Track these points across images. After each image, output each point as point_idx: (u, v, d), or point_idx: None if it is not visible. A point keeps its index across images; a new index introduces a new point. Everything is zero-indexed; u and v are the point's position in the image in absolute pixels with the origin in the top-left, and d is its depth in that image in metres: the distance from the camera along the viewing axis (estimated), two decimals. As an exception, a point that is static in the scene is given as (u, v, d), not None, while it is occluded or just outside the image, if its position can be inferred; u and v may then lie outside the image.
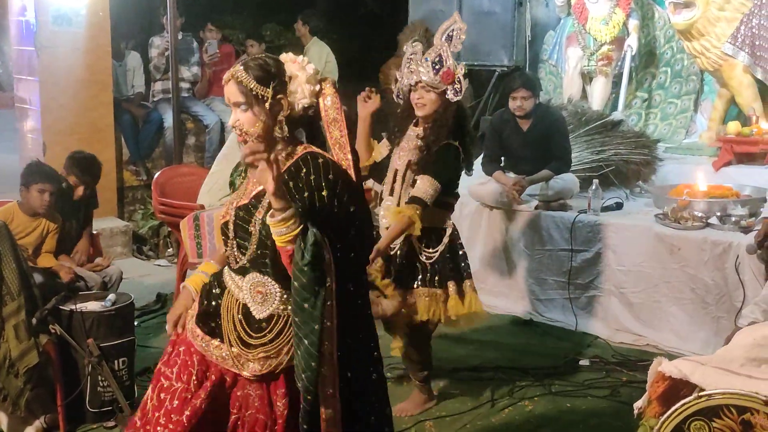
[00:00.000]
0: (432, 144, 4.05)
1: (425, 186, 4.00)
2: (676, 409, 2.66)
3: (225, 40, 8.87)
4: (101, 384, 4.14)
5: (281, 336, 2.55)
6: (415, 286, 4.14)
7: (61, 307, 4.13)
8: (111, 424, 4.17)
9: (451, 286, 4.18)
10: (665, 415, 2.68)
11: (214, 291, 2.67)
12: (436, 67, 4.05)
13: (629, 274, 5.45)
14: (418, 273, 4.14)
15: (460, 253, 4.27)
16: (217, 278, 2.69)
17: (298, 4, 9.25)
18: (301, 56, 2.58)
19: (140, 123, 7.97)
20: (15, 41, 7.53)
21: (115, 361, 4.18)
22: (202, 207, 5.33)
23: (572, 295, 5.70)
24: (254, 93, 2.47)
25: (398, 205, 4.10)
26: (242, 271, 2.59)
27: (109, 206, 7.49)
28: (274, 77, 2.50)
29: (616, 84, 7.22)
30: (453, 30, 4.14)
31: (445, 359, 4.92)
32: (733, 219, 5.22)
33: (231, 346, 2.58)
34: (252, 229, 2.51)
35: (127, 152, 7.87)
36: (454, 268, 4.21)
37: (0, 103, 10.74)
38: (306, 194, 2.44)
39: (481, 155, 5.98)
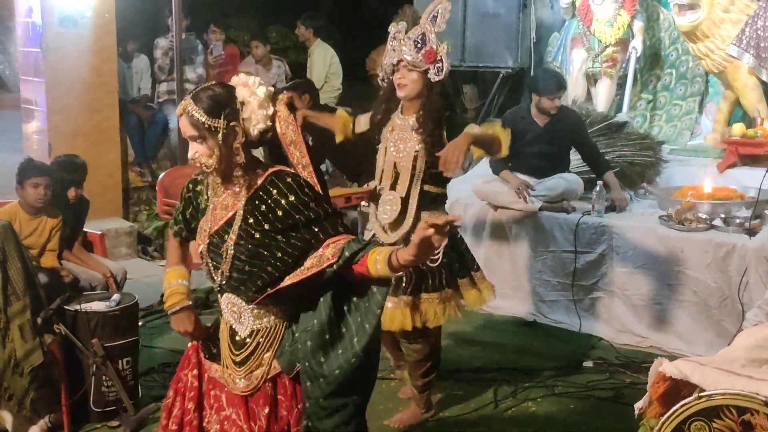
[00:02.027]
0: (433, 130, 3.94)
1: (475, 127, 3.91)
2: (677, 410, 2.66)
3: (230, 41, 8.90)
4: (105, 384, 4.17)
5: (259, 347, 2.58)
6: (423, 291, 4.03)
7: (65, 307, 4.15)
8: (115, 423, 4.19)
9: (464, 282, 4.12)
10: (666, 416, 2.68)
11: (217, 317, 2.73)
12: (418, 45, 3.95)
13: (633, 275, 5.45)
14: (426, 277, 4.02)
15: (463, 246, 4.21)
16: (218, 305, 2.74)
17: (302, 6, 9.26)
18: (252, 78, 2.52)
19: (145, 124, 8.00)
20: (21, 43, 7.56)
21: (120, 361, 4.21)
22: (206, 208, 5.33)
23: (576, 297, 5.70)
24: (206, 126, 2.44)
25: (407, 197, 3.98)
26: (220, 292, 2.64)
27: (114, 207, 7.52)
28: (224, 107, 2.45)
29: (621, 86, 7.21)
30: (438, 10, 4.05)
31: (448, 360, 4.92)
32: (738, 221, 5.22)
33: (226, 367, 2.63)
34: (223, 253, 2.52)
35: (132, 153, 7.90)
36: (460, 264, 4.13)
37: (6, 105, 10.76)
38: (296, 216, 2.45)
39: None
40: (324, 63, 8.70)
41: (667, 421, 2.67)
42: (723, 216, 5.28)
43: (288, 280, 2.44)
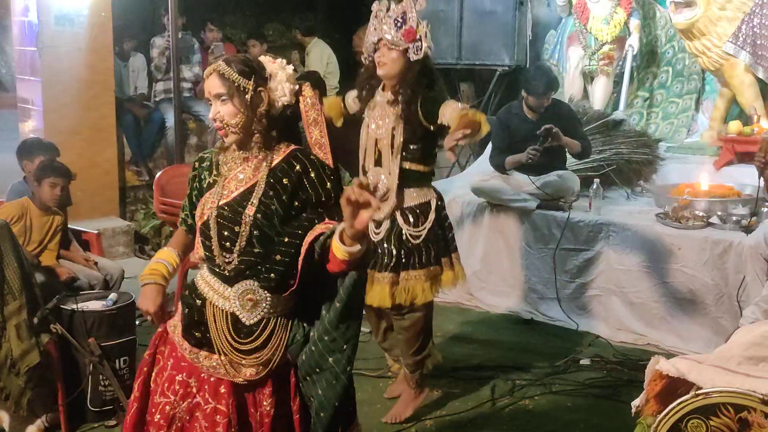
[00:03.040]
0: (408, 106, 3.92)
1: (454, 103, 3.86)
2: (674, 408, 2.66)
3: (226, 39, 8.88)
4: (102, 383, 4.16)
5: (272, 338, 2.58)
6: (411, 268, 4.04)
7: (62, 306, 4.14)
8: (112, 423, 4.19)
9: (445, 261, 4.14)
10: (662, 414, 2.68)
11: (194, 302, 2.65)
12: (398, 24, 3.91)
13: (630, 273, 5.46)
14: (412, 254, 4.03)
15: (447, 223, 4.21)
16: (193, 290, 2.67)
17: (299, 4, 9.25)
18: (279, 58, 2.60)
19: (142, 123, 7.99)
20: (17, 41, 7.54)
21: (117, 361, 4.20)
22: (203, 206, 5.32)
23: (573, 295, 5.71)
24: (236, 84, 2.50)
25: (390, 174, 3.98)
26: (228, 280, 2.58)
27: (110, 206, 7.51)
28: (254, 71, 2.53)
29: (618, 83, 7.21)
30: None
31: (445, 358, 4.91)
32: (734, 218, 5.23)
33: (222, 354, 2.58)
34: (241, 225, 2.51)
35: (129, 152, 7.89)
36: (444, 243, 4.16)
37: (2, 104, 10.75)
38: (311, 192, 2.52)
39: (490, 150, 5.98)
40: (321, 62, 8.70)
41: (664, 419, 2.67)
42: (720, 213, 5.30)
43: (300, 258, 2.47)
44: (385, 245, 4.04)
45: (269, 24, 10.08)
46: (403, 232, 4.04)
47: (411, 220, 4.04)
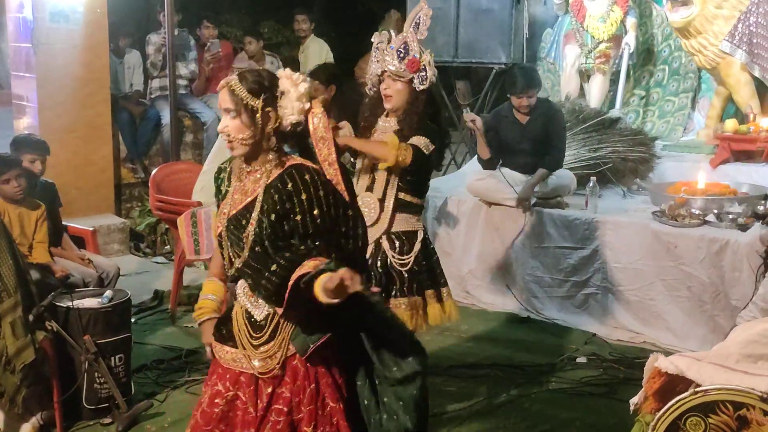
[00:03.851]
0: (407, 134, 3.88)
1: (420, 140, 3.84)
2: (672, 405, 2.66)
3: (222, 37, 8.87)
4: (98, 381, 4.15)
5: (277, 333, 2.65)
6: (393, 296, 3.95)
7: (57, 303, 4.13)
8: (107, 420, 4.17)
9: (430, 294, 4.03)
10: (661, 411, 2.69)
11: (231, 301, 2.81)
12: (401, 55, 3.89)
13: (626, 271, 5.46)
14: (394, 282, 3.95)
15: (434, 258, 4.11)
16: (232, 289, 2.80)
17: (295, 2, 9.23)
18: (297, 74, 2.60)
19: (138, 120, 7.97)
20: (12, 38, 7.51)
21: (112, 358, 4.20)
22: (199, 204, 5.32)
23: (569, 293, 5.71)
24: (245, 102, 2.54)
25: (383, 199, 3.94)
26: (235, 279, 2.71)
27: (106, 203, 7.50)
28: (266, 90, 2.56)
29: (614, 82, 7.22)
30: (420, 17, 4.00)
31: (441, 356, 4.92)
32: (731, 217, 5.23)
33: (243, 348, 2.68)
34: (244, 238, 2.60)
35: (124, 149, 7.87)
36: (430, 275, 4.04)
37: (-3, 101, 10.73)
38: (299, 216, 2.53)
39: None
40: (320, 58, 8.67)
41: (662, 417, 2.67)
42: (716, 212, 5.30)
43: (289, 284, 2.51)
44: (373, 271, 3.94)
45: (265, 22, 10.08)
46: (388, 259, 3.96)
47: (396, 246, 3.96)
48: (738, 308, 4.66)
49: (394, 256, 3.94)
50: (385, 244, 3.95)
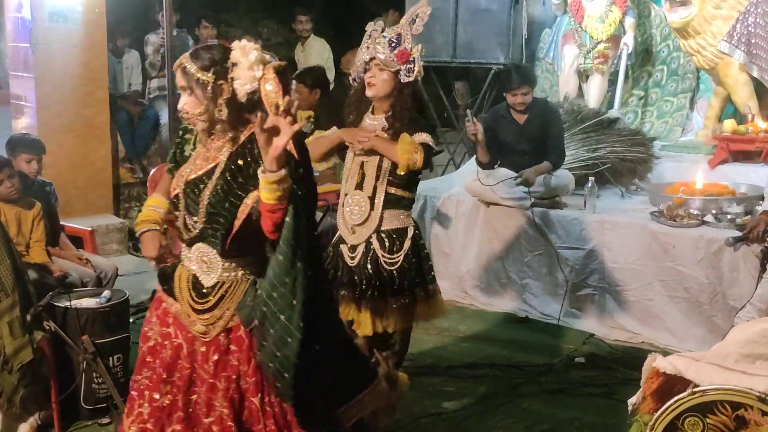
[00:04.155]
0: (398, 131, 3.84)
1: (424, 137, 3.83)
2: (670, 405, 2.66)
3: (221, 37, 8.87)
4: (96, 381, 4.14)
5: (223, 301, 2.74)
6: (385, 296, 3.91)
7: (55, 303, 4.13)
8: (106, 420, 4.17)
9: (419, 292, 3.98)
10: (659, 411, 2.68)
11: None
12: (393, 45, 3.84)
13: (624, 271, 5.46)
14: (384, 282, 3.91)
15: (423, 254, 4.06)
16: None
17: (294, 2, 9.24)
18: (249, 43, 2.66)
19: (136, 120, 7.97)
20: (10, 38, 7.51)
21: (110, 358, 4.19)
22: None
23: (568, 293, 5.70)
24: (196, 78, 2.64)
25: (373, 196, 3.90)
26: (190, 243, 2.78)
27: (104, 203, 7.50)
28: (215, 63, 2.64)
29: (613, 82, 7.22)
30: (418, 13, 3.97)
31: (439, 356, 4.92)
32: (729, 217, 5.23)
33: (188, 308, 2.79)
34: (201, 202, 2.68)
35: (123, 149, 7.88)
36: (419, 273, 3.99)
37: (-4, 101, 10.72)
38: (252, 168, 2.63)
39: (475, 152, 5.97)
40: (322, 58, 8.69)
41: (661, 417, 2.67)
42: (714, 212, 5.30)
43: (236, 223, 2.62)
44: (363, 272, 3.92)
45: (264, 22, 10.08)
46: (379, 258, 3.92)
47: (387, 245, 3.92)
48: (736, 309, 4.67)
49: (384, 255, 3.91)
50: (376, 243, 3.92)
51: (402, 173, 3.85)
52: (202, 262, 2.74)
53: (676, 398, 2.66)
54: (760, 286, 4.50)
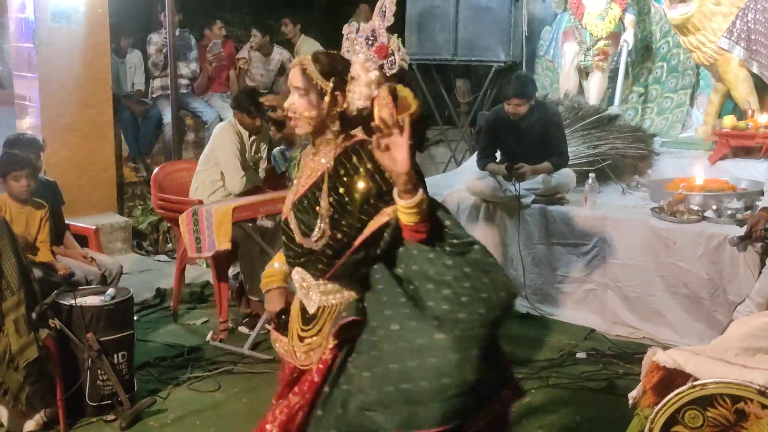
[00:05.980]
0: None
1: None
2: (671, 399, 2.68)
3: (224, 36, 8.89)
4: (101, 378, 4.17)
5: (324, 329, 2.61)
6: None
7: (60, 301, 4.15)
8: (111, 417, 4.19)
9: None
10: (659, 405, 2.70)
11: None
12: (369, 41, 3.91)
13: (625, 267, 5.48)
14: None
15: None
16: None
17: (294, 1, 9.25)
18: (369, 61, 2.67)
19: (140, 119, 7.99)
20: (14, 38, 7.53)
21: (115, 356, 4.21)
22: (200, 202, 5.35)
23: (569, 289, 5.72)
24: (314, 83, 2.59)
25: None
26: (292, 265, 2.70)
27: (108, 202, 7.52)
28: (336, 73, 2.62)
29: (613, 79, 7.24)
30: (386, 5, 3.99)
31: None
32: (729, 212, 5.25)
33: (291, 339, 2.69)
34: (318, 212, 2.56)
35: (126, 148, 7.90)
36: None
37: (-1, 101, 10.74)
38: (372, 183, 2.50)
39: (476, 151, 6.00)
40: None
41: (661, 410, 2.69)
42: (714, 207, 5.32)
43: (356, 242, 2.49)
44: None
45: (265, 21, 10.09)
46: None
47: None
48: (736, 304, 4.68)
49: None
50: None
51: None
52: (301, 287, 2.66)
53: (676, 392, 2.67)
54: (759, 280, 4.53)
